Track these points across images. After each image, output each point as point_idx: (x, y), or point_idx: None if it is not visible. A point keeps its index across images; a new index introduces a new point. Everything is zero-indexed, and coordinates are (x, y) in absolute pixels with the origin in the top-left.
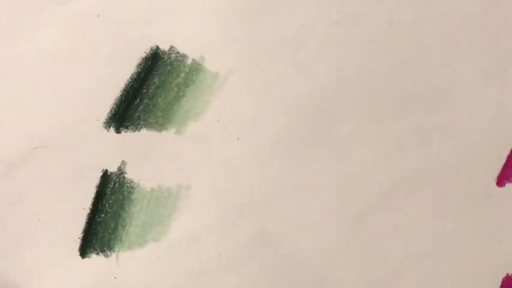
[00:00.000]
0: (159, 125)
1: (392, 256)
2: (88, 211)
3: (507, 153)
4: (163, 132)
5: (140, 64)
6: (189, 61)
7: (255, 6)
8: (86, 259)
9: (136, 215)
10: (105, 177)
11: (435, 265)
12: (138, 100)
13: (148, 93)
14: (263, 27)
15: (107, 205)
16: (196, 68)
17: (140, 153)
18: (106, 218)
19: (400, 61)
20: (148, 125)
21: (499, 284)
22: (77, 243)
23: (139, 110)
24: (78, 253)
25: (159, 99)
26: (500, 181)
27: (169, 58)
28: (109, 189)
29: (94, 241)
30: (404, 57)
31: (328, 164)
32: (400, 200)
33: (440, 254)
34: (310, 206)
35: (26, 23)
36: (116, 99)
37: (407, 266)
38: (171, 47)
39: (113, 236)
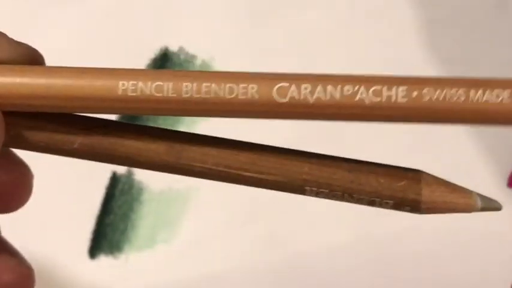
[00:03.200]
0: (169, 126)
1: (401, 258)
2: (97, 213)
3: None
4: None
5: (149, 65)
6: (198, 62)
7: (264, 6)
8: (95, 261)
9: (145, 217)
10: (114, 178)
11: (444, 267)
12: None
13: None
14: (273, 27)
15: (116, 207)
16: (206, 68)
17: None
18: (115, 219)
19: (407, 62)
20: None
21: (510, 286)
22: (86, 245)
23: None
24: (87, 255)
25: None
26: (511, 182)
27: (179, 59)
28: (118, 191)
29: (103, 243)
30: (412, 56)
31: None
32: None
33: (449, 256)
34: (319, 208)
35: (35, 23)
36: None
37: (416, 267)
38: (181, 47)
39: (122, 238)
